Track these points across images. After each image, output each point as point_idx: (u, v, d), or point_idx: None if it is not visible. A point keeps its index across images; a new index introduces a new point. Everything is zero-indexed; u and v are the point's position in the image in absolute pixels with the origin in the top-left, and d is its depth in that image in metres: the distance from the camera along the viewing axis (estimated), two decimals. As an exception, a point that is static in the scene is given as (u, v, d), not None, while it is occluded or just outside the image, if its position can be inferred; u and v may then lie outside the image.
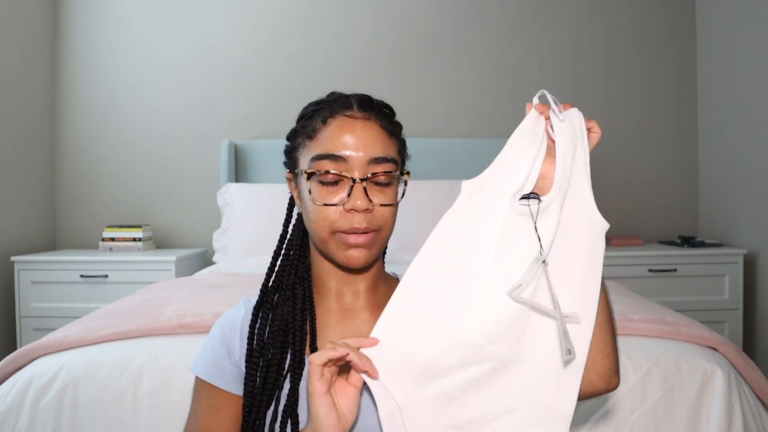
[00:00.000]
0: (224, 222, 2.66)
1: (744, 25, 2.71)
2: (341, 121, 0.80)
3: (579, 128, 0.70)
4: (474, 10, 3.05)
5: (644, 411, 1.15)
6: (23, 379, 1.18)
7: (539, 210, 0.69)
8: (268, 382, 0.81)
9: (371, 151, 0.79)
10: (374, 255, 0.82)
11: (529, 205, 0.69)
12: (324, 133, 0.80)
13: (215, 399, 0.84)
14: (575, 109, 0.71)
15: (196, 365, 0.86)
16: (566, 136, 0.69)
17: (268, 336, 0.84)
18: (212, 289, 1.73)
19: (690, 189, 3.11)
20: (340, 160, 0.78)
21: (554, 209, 0.69)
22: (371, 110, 0.82)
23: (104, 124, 3.04)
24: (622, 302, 1.53)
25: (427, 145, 2.83)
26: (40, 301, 2.59)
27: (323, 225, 0.80)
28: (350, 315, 0.86)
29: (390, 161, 0.80)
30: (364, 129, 0.79)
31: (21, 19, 2.80)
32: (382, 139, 0.81)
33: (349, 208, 0.78)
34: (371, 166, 0.79)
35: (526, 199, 0.69)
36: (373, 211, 0.79)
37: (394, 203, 0.82)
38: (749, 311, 2.70)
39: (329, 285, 0.87)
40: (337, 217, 0.79)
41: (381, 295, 0.88)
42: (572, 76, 3.07)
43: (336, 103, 0.82)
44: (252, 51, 3.04)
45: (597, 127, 0.73)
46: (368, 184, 0.79)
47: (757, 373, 1.26)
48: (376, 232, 0.81)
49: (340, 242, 0.80)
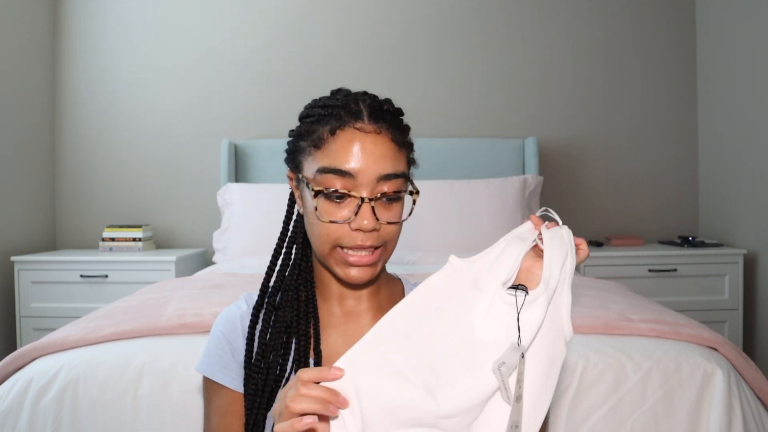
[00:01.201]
0: (224, 222, 2.66)
1: (744, 25, 2.71)
2: (350, 134, 0.76)
3: (568, 243, 0.73)
4: (474, 10, 3.05)
5: (644, 411, 1.15)
6: (23, 379, 1.18)
7: (524, 303, 0.70)
8: (268, 384, 0.80)
9: (381, 168, 0.76)
10: (377, 271, 0.81)
11: (516, 295, 0.70)
12: (332, 145, 0.76)
13: (223, 399, 0.84)
14: (566, 227, 0.74)
15: (200, 364, 0.86)
16: (555, 245, 0.72)
17: (270, 338, 0.83)
18: (212, 289, 1.73)
19: (690, 189, 3.11)
20: (348, 176, 0.75)
21: (540, 305, 0.70)
22: (382, 121, 0.78)
23: (104, 124, 3.04)
24: (622, 302, 1.53)
25: (427, 145, 2.83)
26: (40, 301, 2.59)
27: (325, 240, 0.78)
28: (353, 318, 0.86)
29: (400, 176, 0.78)
30: (374, 145, 0.76)
31: (21, 19, 2.80)
32: (393, 153, 0.78)
33: (355, 227, 0.76)
34: (380, 184, 0.76)
35: (514, 289, 0.71)
36: (380, 229, 0.77)
37: (400, 221, 0.79)
38: (749, 311, 2.70)
39: (331, 288, 0.86)
40: (341, 234, 0.77)
41: (383, 298, 0.88)
42: (572, 76, 3.07)
43: (345, 111, 0.77)
44: (252, 51, 3.04)
45: (585, 245, 0.74)
46: (376, 202, 0.76)
47: (757, 373, 1.26)
48: (381, 248, 0.79)
49: (340, 258, 0.78)
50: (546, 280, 0.70)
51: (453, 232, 2.48)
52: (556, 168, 3.04)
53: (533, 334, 0.69)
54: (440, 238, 2.46)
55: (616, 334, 1.30)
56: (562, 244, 0.72)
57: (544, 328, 0.71)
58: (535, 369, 0.70)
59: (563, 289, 0.72)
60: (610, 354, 1.21)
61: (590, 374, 1.17)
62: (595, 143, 3.08)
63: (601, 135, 3.08)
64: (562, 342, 0.72)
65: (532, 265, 0.73)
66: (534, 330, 0.69)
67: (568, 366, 1.18)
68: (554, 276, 0.70)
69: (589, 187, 3.08)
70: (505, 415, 0.68)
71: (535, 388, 0.69)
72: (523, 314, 0.69)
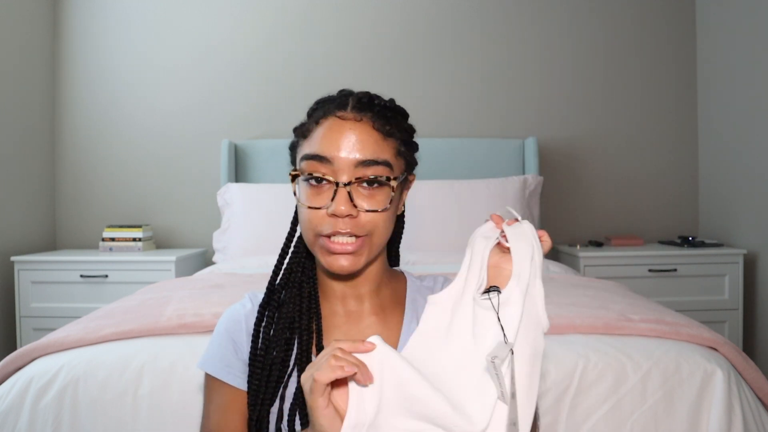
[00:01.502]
0: (224, 222, 2.66)
1: (744, 25, 2.71)
2: (331, 121, 0.79)
3: (532, 236, 0.74)
4: (474, 10, 3.06)
5: (644, 411, 1.15)
6: (23, 379, 1.18)
7: (500, 302, 0.71)
8: (272, 380, 0.81)
9: (359, 153, 0.76)
10: (362, 262, 0.80)
11: (490, 298, 0.71)
12: (315, 133, 0.80)
13: (225, 396, 0.84)
14: (527, 221, 0.75)
15: (203, 362, 0.86)
16: (520, 240, 0.73)
17: (274, 334, 0.83)
18: (212, 289, 1.73)
19: (690, 189, 3.11)
20: (325, 161, 0.77)
21: (516, 300, 0.71)
22: (366, 110, 0.79)
23: (104, 124, 3.04)
24: (622, 302, 1.53)
25: (427, 145, 2.82)
26: (40, 301, 2.59)
27: (308, 227, 0.79)
28: (355, 318, 0.86)
29: (380, 164, 0.77)
30: (352, 131, 0.77)
31: (21, 19, 2.80)
32: (374, 140, 0.78)
33: (330, 212, 0.76)
34: (358, 169, 0.76)
35: (488, 293, 0.72)
36: (358, 216, 0.77)
37: (382, 209, 0.78)
38: (749, 311, 2.70)
39: (333, 287, 0.86)
40: (319, 220, 0.78)
41: (385, 297, 0.88)
42: (572, 76, 3.07)
43: (333, 102, 0.81)
44: (252, 51, 3.04)
45: (547, 236, 0.75)
46: (355, 188, 0.77)
47: (757, 373, 1.26)
48: (365, 238, 0.78)
49: (323, 247, 0.79)
50: (517, 275, 0.72)
51: (453, 232, 2.48)
52: (556, 168, 3.04)
53: (516, 328, 0.70)
54: (440, 238, 2.46)
55: (616, 334, 1.30)
56: (526, 239, 0.73)
57: (524, 322, 0.72)
58: (521, 365, 0.70)
59: (535, 281, 0.73)
60: (610, 354, 1.21)
61: (590, 374, 1.17)
62: (595, 143, 3.08)
63: (601, 135, 3.08)
64: (541, 334, 0.73)
65: (499, 261, 0.74)
66: (516, 324, 0.70)
67: (568, 366, 1.18)
68: (525, 270, 0.72)
69: (589, 187, 3.08)
70: (503, 413, 0.68)
71: (524, 381, 0.70)
72: (502, 312, 0.71)
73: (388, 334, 0.84)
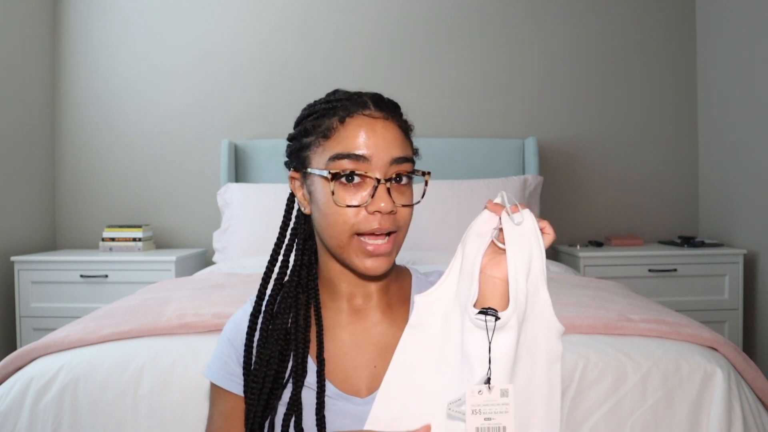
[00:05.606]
0: (224, 222, 2.66)
1: (744, 25, 2.71)
2: (360, 119, 0.77)
3: (533, 231, 0.71)
4: (474, 11, 3.06)
5: (644, 411, 1.15)
6: (23, 379, 1.18)
7: (495, 327, 0.68)
8: (264, 392, 0.80)
9: (393, 151, 0.77)
10: (392, 262, 0.81)
11: (486, 320, 0.69)
12: (343, 132, 0.77)
13: (227, 403, 0.84)
14: (527, 210, 0.72)
15: (208, 370, 0.87)
16: (517, 246, 0.70)
17: (268, 345, 0.82)
18: (212, 289, 1.73)
19: (690, 189, 3.11)
20: (362, 159, 0.75)
21: (512, 326, 0.69)
22: (387, 109, 0.80)
23: (104, 124, 3.04)
24: (622, 302, 1.53)
25: (427, 145, 2.80)
26: (40, 301, 2.59)
27: (343, 228, 0.77)
28: (361, 316, 0.85)
29: (409, 161, 0.79)
30: (384, 129, 0.78)
31: (21, 19, 2.80)
32: (402, 138, 0.80)
33: (373, 210, 0.75)
34: (393, 167, 0.77)
35: (484, 314, 0.69)
36: (397, 212, 0.78)
37: (415, 203, 0.80)
38: (749, 311, 2.70)
39: (340, 287, 0.85)
40: (358, 219, 0.76)
41: (392, 295, 0.87)
42: (572, 77, 3.07)
43: (351, 102, 0.79)
44: (252, 51, 3.04)
45: (549, 228, 0.74)
46: (391, 184, 0.77)
47: (757, 373, 1.26)
48: (395, 234, 0.79)
49: (358, 248, 0.77)
50: (514, 299, 0.69)
51: (453, 232, 2.47)
52: (556, 168, 3.04)
53: (510, 362, 0.68)
54: (440, 238, 2.46)
55: (616, 334, 1.30)
56: (524, 241, 0.70)
57: (529, 340, 0.70)
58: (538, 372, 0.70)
59: (539, 291, 0.71)
60: (610, 354, 1.21)
61: (590, 374, 1.17)
62: (595, 143, 3.08)
63: (601, 135, 3.08)
64: (556, 337, 0.72)
65: (490, 262, 0.73)
66: (510, 357, 0.68)
67: (568, 366, 1.18)
68: (521, 290, 0.69)
69: (589, 187, 3.08)
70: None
71: (543, 389, 0.69)
72: (497, 337, 0.68)
73: (394, 331, 0.83)
